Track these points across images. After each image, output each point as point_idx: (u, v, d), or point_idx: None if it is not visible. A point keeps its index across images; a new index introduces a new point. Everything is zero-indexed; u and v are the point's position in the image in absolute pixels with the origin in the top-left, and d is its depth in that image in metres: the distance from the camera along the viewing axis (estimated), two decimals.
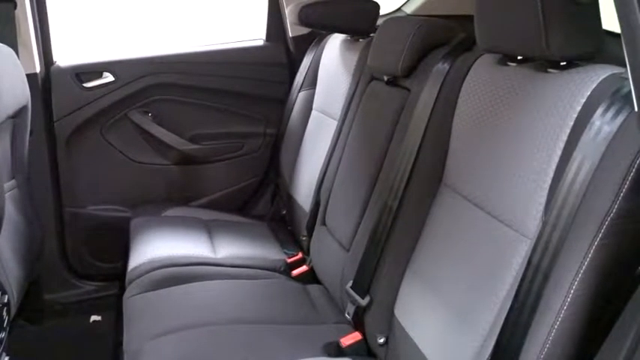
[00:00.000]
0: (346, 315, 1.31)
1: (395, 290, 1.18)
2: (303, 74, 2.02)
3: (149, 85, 2.06)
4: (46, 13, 1.92)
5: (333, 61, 1.84)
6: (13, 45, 1.84)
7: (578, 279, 0.77)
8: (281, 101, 2.13)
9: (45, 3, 1.91)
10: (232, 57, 2.15)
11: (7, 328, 1.41)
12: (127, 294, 1.49)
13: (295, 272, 1.65)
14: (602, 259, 0.76)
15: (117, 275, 1.91)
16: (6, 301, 1.38)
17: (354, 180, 1.47)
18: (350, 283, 1.31)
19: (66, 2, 2.09)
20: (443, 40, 1.29)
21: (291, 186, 1.95)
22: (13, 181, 1.73)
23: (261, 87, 2.17)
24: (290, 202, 1.93)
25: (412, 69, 1.32)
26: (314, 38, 2.03)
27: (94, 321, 2.02)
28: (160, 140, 2.10)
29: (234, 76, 2.14)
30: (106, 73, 2.02)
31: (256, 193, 2.23)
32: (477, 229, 1.01)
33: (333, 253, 1.47)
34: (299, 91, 2.03)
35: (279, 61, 2.17)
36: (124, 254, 1.76)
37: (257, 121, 2.20)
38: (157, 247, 1.69)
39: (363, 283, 1.26)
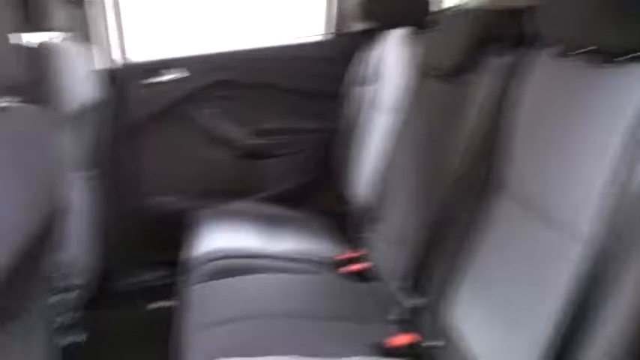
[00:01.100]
0: (397, 315, 1.28)
1: (448, 293, 1.14)
2: (362, 70, 2.00)
3: (214, 81, 2.11)
4: (119, 11, 2.02)
5: (392, 56, 1.81)
6: (88, 42, 1.94)
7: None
8: (340, 97, 2.12)
9: (119, 3, 2.00)
10: (292, 53, 2.17)
11: (76, 313, 1.49)
12: (184, 284, 1.54)
13: (349, 269, 1.64)
14: None
15: (181, 265, 1.98)
16: (73, 285, 1.47)
17: (409, 177, 1.44)
18: (403, 283, 1.28)
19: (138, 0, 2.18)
20: (502, 34, 1.23)
21: (349, 182, 1.94)
22: (86, 173, 1.83)
23: (320, 83, 2.17)
24: (348, 197, 1.92)
25: (468, 64, 1.27)
26: (374, 33, 2.00)
27: (159, 308, 2.10)
28: (223, 135, 2.16)
29: (293, 71, 2.16)
30: (173, 70, 2.09)
31: (316, 188, 2.24)
32: (533, 233, 0.97)
33: (387, 250, 1.45)
34: (357, 87, 2.02)
35: (338, 56, 2.16)
36: (187, 245, 1.82)
37: (317, 117, 2.20)
38: (216, 239, 1.73)
39: (416, 283, 1.24)
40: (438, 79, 1.41)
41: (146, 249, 2.17)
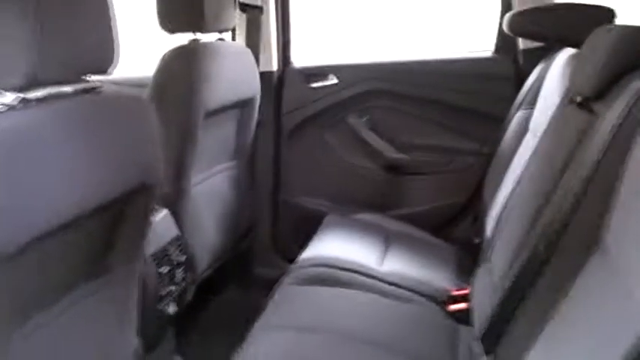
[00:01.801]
0: None
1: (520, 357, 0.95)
2: (526, 91, 1.78)
3: (368, 90, 2.10)
4: (288, 19, 2.14)
5: (555, 77, 1.57)
6: (257, 45, 2.10)
7: None
8: (501, 119, 1.92)
9: (288, 10, 2.12)
10: (455, 68, 2.04)
11: (182, 284, 1.62)
12: (283, 281, 1.56)
13: (452, 307, 1.48)
14: None
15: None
16: (183, 260, 1.59)
17: (520, 217, 1.23)
18: (481, 334, 1.11)
19: (307, 11, 2.29)
20: None
21: (489, 212, 1.74)
22: (233, 162, 1.98)
23: (482, 102, 2.00)
24: (484, 229, 1.73)
25: (604, 89, 1.03)
26: (543, 52, 1.77)
27: None
28: (371, 145, 2.13)
29: (454, 88, 2.03)
30: (331, 76, 2.14)
31: (456, 215, 2.07)
32: (630, 317, 0.74)
33: (482, 295, 1.27)
34: (518, 110, 1.80)
35: (506, 75, 1.96)
36: (306, 246, 1.84)
37: (471, 138, 2.04)
38: (331, 246, 1.72)
39: (491, 339, 1.06)
40: (577, 105, 1.18)
41: (288, 243, 2.26)
